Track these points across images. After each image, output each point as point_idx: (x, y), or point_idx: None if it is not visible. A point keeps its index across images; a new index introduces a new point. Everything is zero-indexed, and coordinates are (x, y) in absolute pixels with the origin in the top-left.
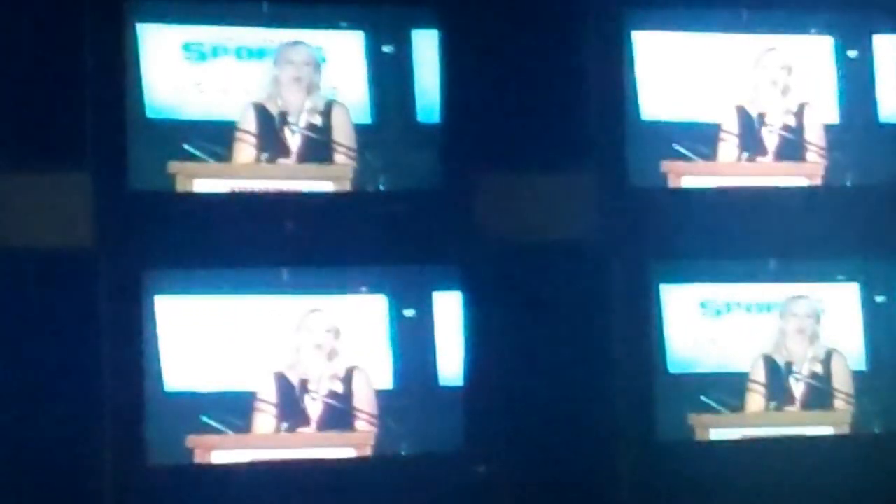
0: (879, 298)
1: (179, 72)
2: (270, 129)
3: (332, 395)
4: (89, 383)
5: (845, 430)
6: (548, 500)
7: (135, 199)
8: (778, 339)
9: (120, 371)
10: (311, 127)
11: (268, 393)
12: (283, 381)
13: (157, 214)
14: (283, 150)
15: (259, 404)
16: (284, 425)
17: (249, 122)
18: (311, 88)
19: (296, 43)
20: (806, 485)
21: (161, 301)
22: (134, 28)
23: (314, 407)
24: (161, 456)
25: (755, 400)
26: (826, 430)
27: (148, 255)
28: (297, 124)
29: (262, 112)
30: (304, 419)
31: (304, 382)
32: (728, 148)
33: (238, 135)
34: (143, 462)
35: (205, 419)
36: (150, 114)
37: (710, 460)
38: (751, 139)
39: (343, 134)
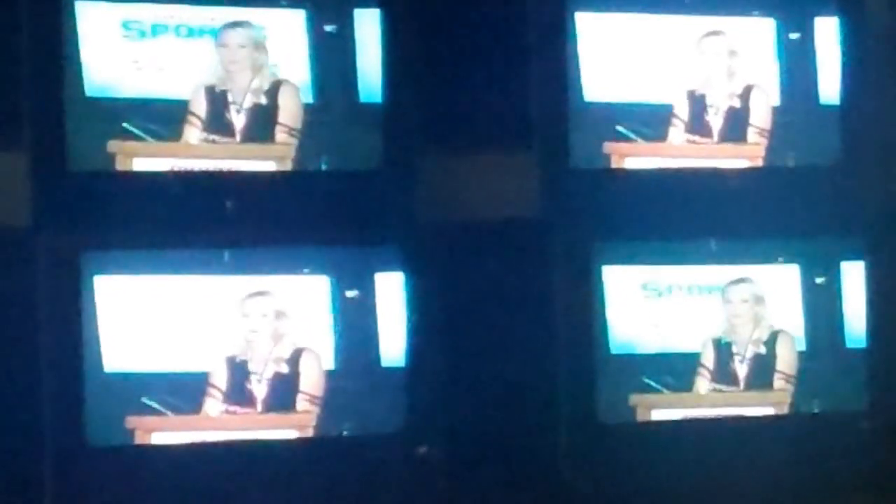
0: (819, 280)
1: (118, 50)
2: (213, 108)
3: (276, 376)
4: (27, 364)
5: (785, 410)
6: (489, 480)
7: (73, 179)
8: (720, 320)
9: (58, 352)
10: (256, 106)
11: (210, 374)
12: (225, 363)
13: (96, 194)
14: (226, 130)
15: (201, 386)
16: (226, 407)
17: (192, 102)
18: (256, 68)
19: (235, 23)
20: (746, 465)
21: (100, 281)
22: (72, 5)
23: (257, 388)
24: (101, 437)
25: (697, 381)
26: (766, 411)
27: (87, 235)
28: (240, 104)
29: (205, 92)
30: (246, 401)
31: (245, 364)
32: (671, 129)
33: (179, 114)
34: (82, 443)
35: (145, 400)
36: (88, 92)
37: (651, 441)
38: (693, 121)
39: (287, 113)
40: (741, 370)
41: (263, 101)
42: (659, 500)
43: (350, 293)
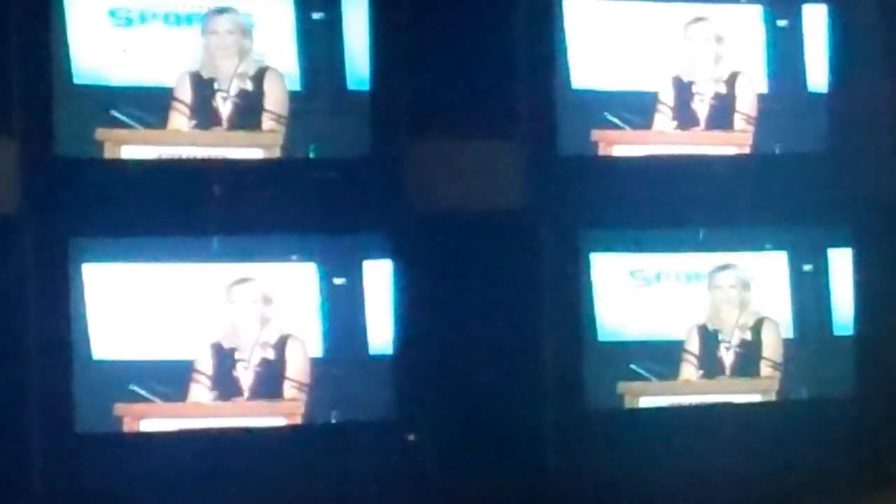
0: (807, 267)
1: (106, 37)
2: (200, 96)
3: (264, 363)
4: (15, 352)
5: (773, 397)
6: (477, 468)
7: (62, 166)
8: (707, 308)
9: (47, 339)
10: (242, 93)
11: (197, 362)
12: (213, 350)
13: (84, 181)
14: (213, 117)
15: (189, 373)
16: (214, 394)
17: (179, 89)
18: (242, 55)
19: (222, 10)
20: (734, 451)
21: (89, 269)
22: None
23: (244, 376)
24: (89, 424)
25: (684, 368)
26: (754, 398)
27: (76, 222)
28: (227, 91)
29: (191, 79)
30: (234, 388)
31: (234, 351)
32: (658, 117)
33: (167, 101)
34: (70, 430)
35: (133, 388)
36: (77, 80)
37: (639, 428)
38: (681, 108)
39: (274, 101)
40: (727, 357)
41: (249, 86)
42: (647, 486)
43: (338, 280)
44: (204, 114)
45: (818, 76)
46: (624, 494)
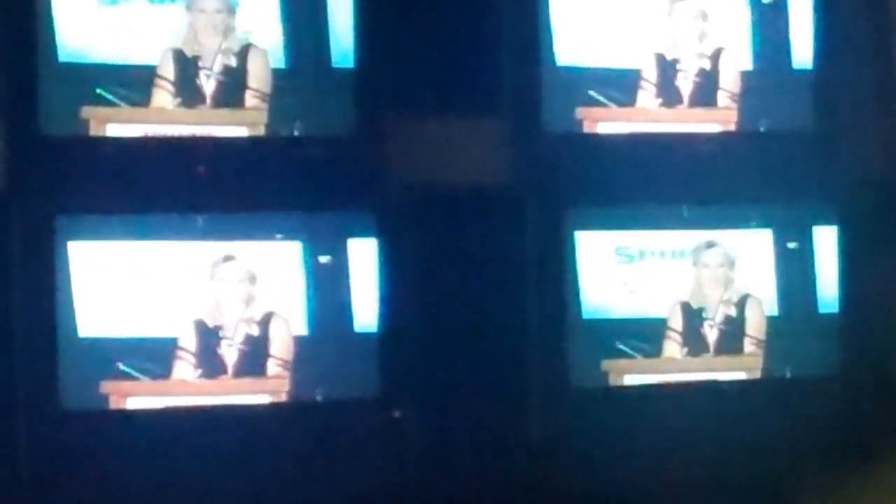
0: (792, 244)
1: (91, 15)
2: (185, 73)
3: (248, 341)
4: (1, 330)
5: (757, 374)
6: (462, 445)
7: (47, 144)
8: (692, 285)
9: (33, 317)
10: (226, 71)
11: (183, 340)
12: (198, 328)
13: (70, 159)
14: (198, 95)
15: (175, 351)
16: (199, 372)
17: (164, 67)
18: (227, 32)
19: None
20: (719, 430)
21: (74, 246)
22: None
23: (230, 354)
24: (75, 402)
25: (669, 346)
26: (738, 375)
27: (61, 201)
28: (211, 69)
29: (175, 56)
30: (219, 366)
31: (218, 329)
32: (643, 94)
33: (152, 79)
34: (56, 408)
35: (119, 365)
36: (62, 58)
37: (623, 406)
38: (666, 85)
39: (257, 78)
40: (711, 335)
41: (233, 63)
42: (631, 464)
43: (323, 259)
44: (188, 91)
45: (804, 53)
46: (608, 472)
